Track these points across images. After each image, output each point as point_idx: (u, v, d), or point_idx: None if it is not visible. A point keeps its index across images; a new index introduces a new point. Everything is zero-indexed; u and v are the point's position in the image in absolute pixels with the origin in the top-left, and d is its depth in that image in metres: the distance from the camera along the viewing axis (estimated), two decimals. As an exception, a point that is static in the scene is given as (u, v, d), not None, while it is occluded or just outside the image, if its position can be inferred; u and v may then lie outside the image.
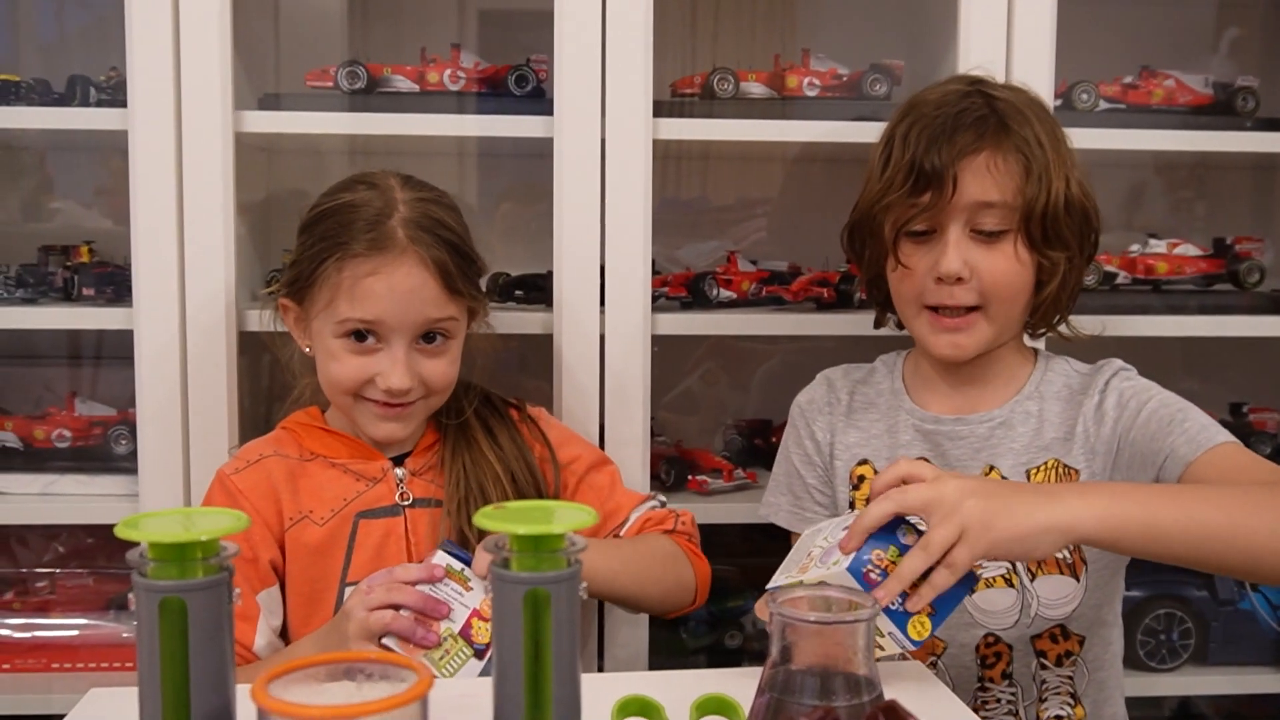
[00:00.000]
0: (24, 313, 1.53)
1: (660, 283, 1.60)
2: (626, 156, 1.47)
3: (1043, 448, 1.22)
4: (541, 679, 0.68)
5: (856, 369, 1.37)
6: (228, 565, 0.67)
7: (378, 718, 0.58)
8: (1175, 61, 1.70)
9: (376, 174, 1.29)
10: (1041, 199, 1.16)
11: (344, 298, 1.20)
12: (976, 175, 1.16)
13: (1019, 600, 1.21)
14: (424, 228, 1.22)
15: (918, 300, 1.22)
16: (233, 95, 1.45)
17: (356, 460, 1.29)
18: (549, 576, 0.67)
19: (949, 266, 1.17)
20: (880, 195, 1.20)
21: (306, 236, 1.26)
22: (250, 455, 1.29)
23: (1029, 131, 1.17)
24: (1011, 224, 1.17)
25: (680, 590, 1.34)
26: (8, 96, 1.53)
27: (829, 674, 0.73)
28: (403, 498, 1.28)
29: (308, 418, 1.33)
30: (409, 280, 1.21)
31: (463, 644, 1.07)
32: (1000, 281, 1.18)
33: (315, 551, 1.24)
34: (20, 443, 1.62)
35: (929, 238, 1.20)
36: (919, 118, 1.19)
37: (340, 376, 1.23)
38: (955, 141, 1.15)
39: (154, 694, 0.65)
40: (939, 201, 1.16)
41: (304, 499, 1.25)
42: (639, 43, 1.46)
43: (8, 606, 1.67)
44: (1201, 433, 1.11)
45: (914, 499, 0.94)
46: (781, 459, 1.38)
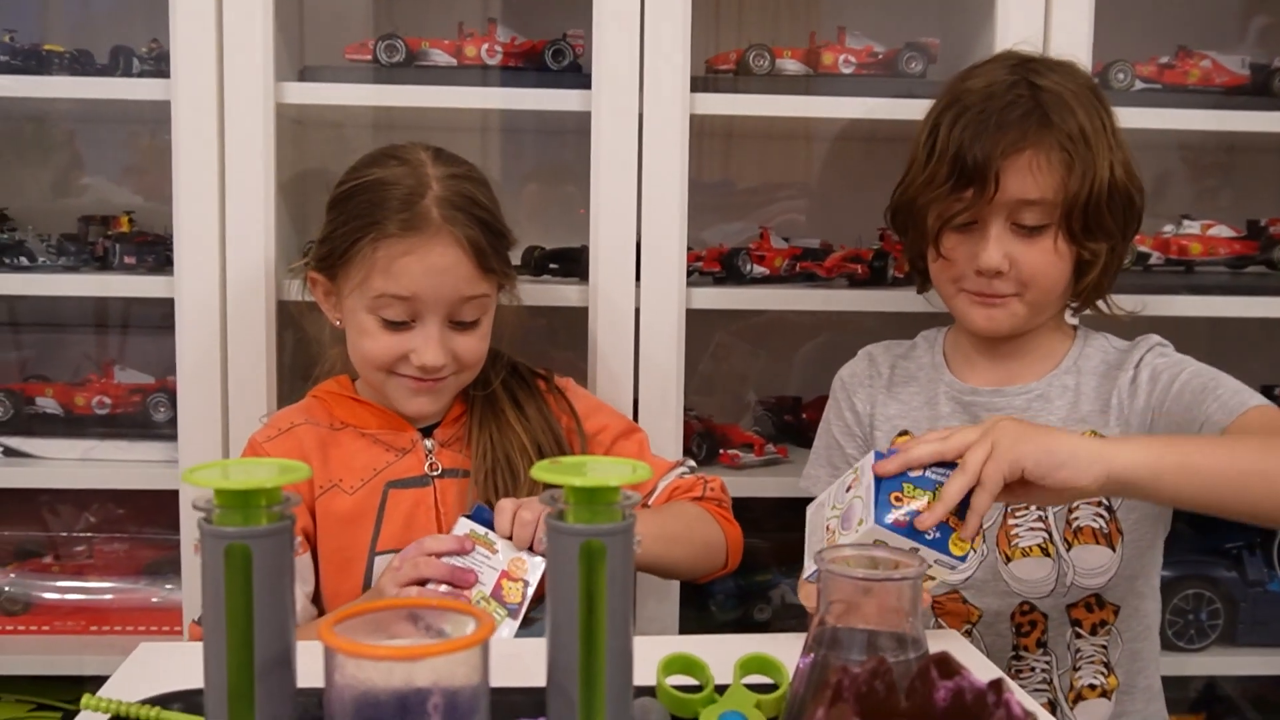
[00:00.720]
0: (67, 280, 1.56)
1: (694, 258, 1.61)
2: (664, 131, 1.48)
3: (1079, 420, 1.23)
4: (595, 631, 0.69)
5: (898, 344, 1.39)
6: (290, 514, 0.68)
7: (442, 659, 0.59)
8: (1212, 42, 1.69)
9: (406, 147, 1.29)
10: (1084, 193, 1.17)
11: (379, 276, 1.21)
12: (1019, 173, 1.16)
13: (1055, 569, 1.22)
14: (457, 206, 1.23)
15: (957, 285, 1.24)
16: (274, 67, 1.46)
17: (386, 430, 1.30)
18: (605, 529, 0.68)
19: (989, 261, 1.19)
20: (924, 188, 1.21)
21: (338, 212, 1.27)
22: (282, 423, 1.30)
23: (1073, 123, 1.17)
24: (1052, 219, 1.18)
25: (710, 555, 1.34)
26: (52, 67, 1.55)
27: (875, 632, 0.74)
28: (432, 468, 1.29)
29: (338, 386, 1.34)
30: (443, 260, 1.21)
31: (495, 605, 1.09)
32: (1039, 274, 1.20)
33: (345, 520, 1.25)
34: (61, 409, 1.64)
35: (970, 229, 1.21)
36: (964, 109, 1.19)
37: (374, 353, 1.24)
38: (999, 139, 1.16)
39: (218, 638, 0.67)
40: (981, 198, 1.17)
41: (334, 468, 1.27)
42: (678, 18, 1.46)
43: (46, 570, 1.70)
44: (1234, 397, 1.13)
45: (955, 441, 0.96)
46: (823, 432, 1.40)
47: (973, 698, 0.60)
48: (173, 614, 1.63)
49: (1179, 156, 1.93)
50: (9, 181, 1.81)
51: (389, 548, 1.24)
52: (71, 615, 1.67)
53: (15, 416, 1.63)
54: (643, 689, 0.83)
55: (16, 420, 1.63)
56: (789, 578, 1.71)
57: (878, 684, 0.61)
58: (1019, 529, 1.23)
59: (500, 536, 1.12)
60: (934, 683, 0.61)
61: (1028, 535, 1.22)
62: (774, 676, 0.86)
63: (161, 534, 1.71)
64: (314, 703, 0.73)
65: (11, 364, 1.75)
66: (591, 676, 0.69)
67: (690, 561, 1.32)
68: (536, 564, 1.10)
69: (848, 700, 0.59)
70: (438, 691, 0.60)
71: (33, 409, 1.64)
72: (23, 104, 1.67)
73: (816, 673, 0.76)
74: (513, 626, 1.08)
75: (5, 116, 1.80)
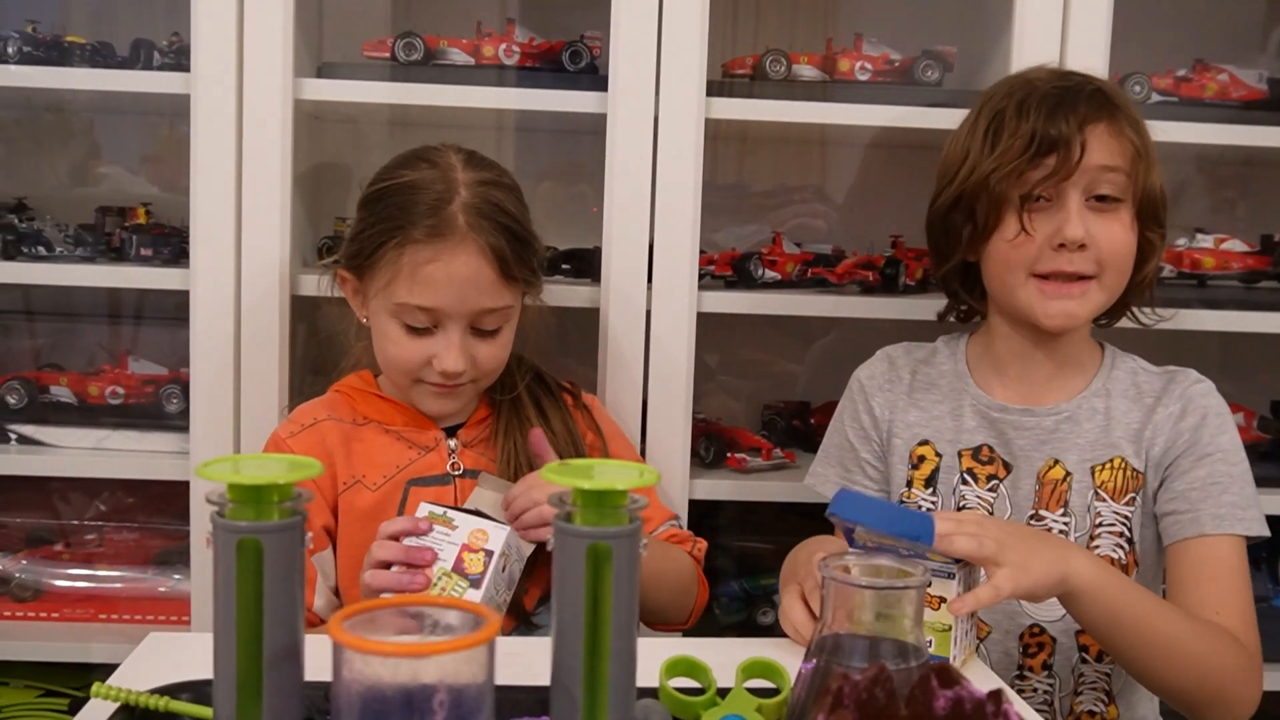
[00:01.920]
0: (84, 271, 1.57)
1: (706, 261, 1.61)
2: (679, 134, 1.48)
3: (1110, 445, 1.23)
4: (600, 633, 0.69)
5: (918, 348, 1.37)
6: (302, 509, 0.69)
7: (448, 656, 0.60)
8: (1230, 56, 1.69)
9: (439, 149, 1.29)
10: (1147, 177, 1.20)
11: (403, 283, 1.22)
12: (1101, 140, 1.18)
13: None
14: (484, 214, 1.23)
15: (1029, 268, 1.20)
16: (293, 63, 1.47)
17: (410, 428, 1.31)
18: (611, 531, 0.68)
19: (1073, 232, 1.17)
20: (995, 167, 1.19)
21: (367, 213, 1.27)
22: (304, 419, 1.31)
23: (1131, 111, 1.21)
24: (1125, 194, 1.20)
25: (684, 600, 1.35)
26: (73, 58, 1.56)
27: (877, 639, 0.75)
28: (454, 467, 1.30)
29: (361, 382, 1.35)
30: (466, 269, 1.22)
31: (457, 579, 1.10)
32: (1119, 250, 1.20)
33: (366, 516, 1.26)
34: (74, 398, 1.66)
35: (1045, 206, 1.20)
36: (1031, 92, 1.21)
37: (398, 359, 1.25)
38: (1078, 109, 1.18)
39: (229, 631, 0.68)
40: (1064, 166, 1.17)
41: (357, 463, 1.28)
42: (695, 21, 1.47)
43: (57, 557, 1.71)
44: (1226, 515, 1.16)
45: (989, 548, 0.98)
46: (834, 431, 1.38)
47: (972, 707, 0.61)
48: (181, 604, 1.65)
49: (1194, 169, 1.93)
50: (28, 171, 1.83)
51: None
52: (80, 603, 1.68)
53: (29, 405, 1.65)
54: (645, 690, 0.83)
55: (30, 408, 1.65)
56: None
57: (878, 691, 0.62)
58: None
59: (464, 514, 1.14)
60: (934, 691, 0.62)
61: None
62: (776, 681, 0.87)
63: (171, 524, 1.72)
64: (320, 696, 0.74)
65: (26, 352, 1.76)
66: (595, 677, 0.70)
67: (666, 606, 1.33)
68: (498, 532, 1.11)
69: (848, 707, 0.60)
70: (443, 688, 0.60)
71: (47, 397, 1.65)
72: (43, 94, 1.68)
73: (818, 678, 0.76)
74: (476, 595, 1.09)
75: (26, 106, 1.81)
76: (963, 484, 1.26)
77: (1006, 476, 1.25)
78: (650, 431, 1.52)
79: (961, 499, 1.26)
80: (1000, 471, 1.25)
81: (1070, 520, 1.22)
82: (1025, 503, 1.24)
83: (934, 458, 1.28)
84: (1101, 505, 1.22)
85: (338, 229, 1.66)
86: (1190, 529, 1.18)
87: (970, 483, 1.26)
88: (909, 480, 1.29)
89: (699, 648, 0.92)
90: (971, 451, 1.26)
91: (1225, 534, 1.17)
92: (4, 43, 1.54)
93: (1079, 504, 1.22)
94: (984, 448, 1.26)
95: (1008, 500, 1.24)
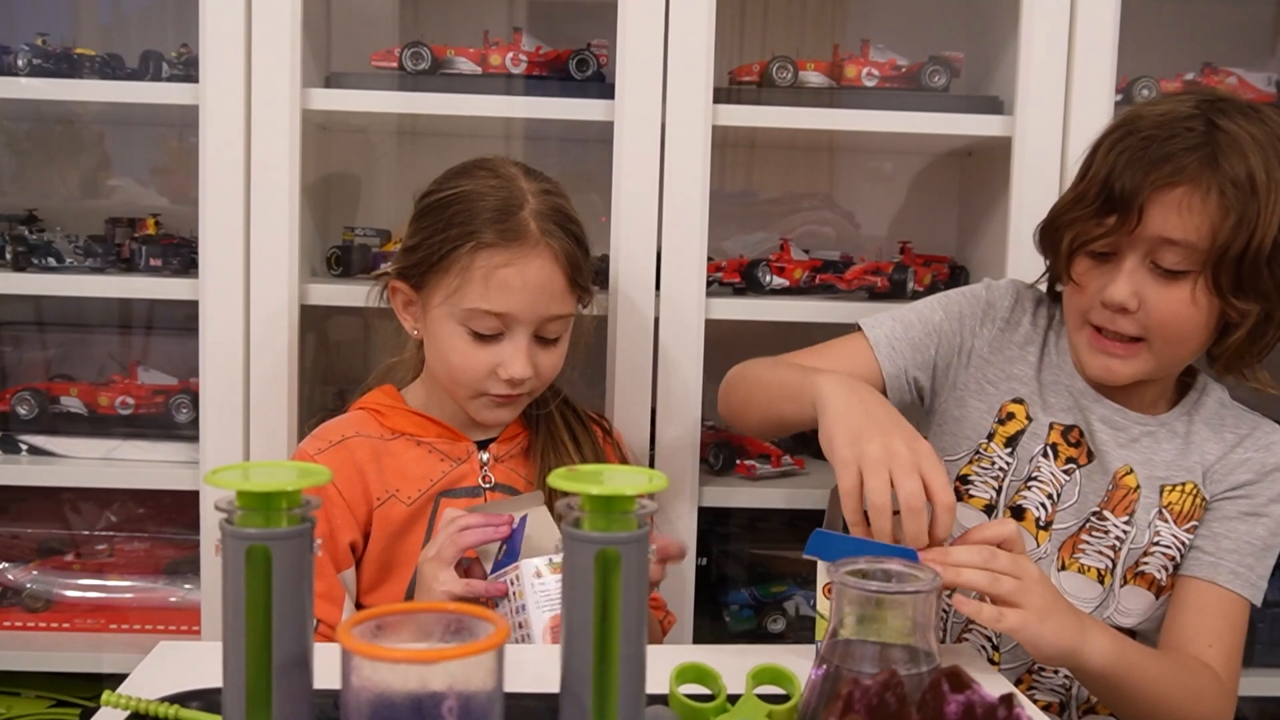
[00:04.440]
0: (94, 281, 1.57)
1: (714, 268, 1.61)
2: (686, 142, 1.48)
3: (1185, 469, 1.22)
4: (609, 639, 0.69)
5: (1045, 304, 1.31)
6: (310, 517, 0.69)
7: (457, 663, 0.60)
8: (1239, 59, 1.69)
9: (494, 160, 1.29)
10: (1239, 244, 1.08)
11: (475, 287, 1.21)
12: (1165, 210, 1.09)
13: (1101, 598, 1.22)
14: (555, 221, 1.24)
15: (1083, 315, 1.19)
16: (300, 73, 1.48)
17: (443, 440, 1.31)
18: (620, 537, 0.68)
19: (1116, 295, 1.13)
20: (1068, 207, 1.17)
21: (429, 221, 1.26)
22: (332, 435, 1.29)
23: (1242, 168, 1.07)
24: (1196, 265, 1.10)
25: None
26: (82, 70, 1.57)
27: (888, 645, 0.75)
28: (485, 480, 1.30)
29: (386, 397, 1.34)
30: (540, 274, 1.22)
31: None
32: (1169, 321, 1.13)
33: (401, 530, 1.26)
34: (85, 408, 1.66)
35: (1106, 260, 1.15)
36: (1131, 131, 1.13)
37: (464, 368, 1.24)
38: (1152, 170, 1.09)
39: (238, 639, 0.68)
40: (1122, 228, 1.11)
41: (390, 478, 1.27)
42: (701, 29, 1.47)
43: (68, 568, 1.72)
44: (1244, 577, 1.18)
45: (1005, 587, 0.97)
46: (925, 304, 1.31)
47: (983, 712, 0.60)
48: (191, 614, 1.65)
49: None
50: (39, 183, 1.84)
51: None
52: (91, 613, 1.68)
53: (40, 415, 1.65)
54: (655, 697, 0.83)
55: (41, 419, 1.65)
56: (804, 589, 1.72)
57: (889, 696, 0.62)
58: (1088, 547, 1.21)
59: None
60: (945, 696, 0.62)
61: (1093, 556, 1.21)
62: (786, 687, 0.87)
63: (181, 534, 1.72)
64: (330, 704, 0.74)
65: (37, 363, 1.77)
66: (604, 683, 0.70)
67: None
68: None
69: (859, 712, 0.60)
70: (453, 695, 0.60)
71: (57, 408, 1.66)
72: (53, 106, 1.69)
73: (828, 684, 0.76)
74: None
75: (36, 118, 1.82)
76: (1043, 455, 1.23)
77: (1086, 465, 1.23)
78: (659, 439, 1.52)
79: (1037, 469, 1.23)
80: (1083, 459, 1.23)
81: (1131, 531, 1.21)
82: (1094, 498, 1.22)
83: (1024, 420, 1.25)
84: (1163, 525, 1.21)
85: (345, 238, 1.67)
86: (1207, 572, 1.19)
87: (1050, 457, 1.23)
88: (991, 433, 1.25)
89: (709, 654, 0.92)
90: (1063, 428, 1.24)
91: (1233, 591, 1.18)
92: (14, 55, 1.55)
93: (1143, 518, 1.21)
94: (1075, 429, 1.23)
95: (1079, 488, 1.22)
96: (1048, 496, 1.22)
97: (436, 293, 1.24)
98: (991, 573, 0.96)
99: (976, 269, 1.74)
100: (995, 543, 0.99)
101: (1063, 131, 1.52)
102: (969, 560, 0.96)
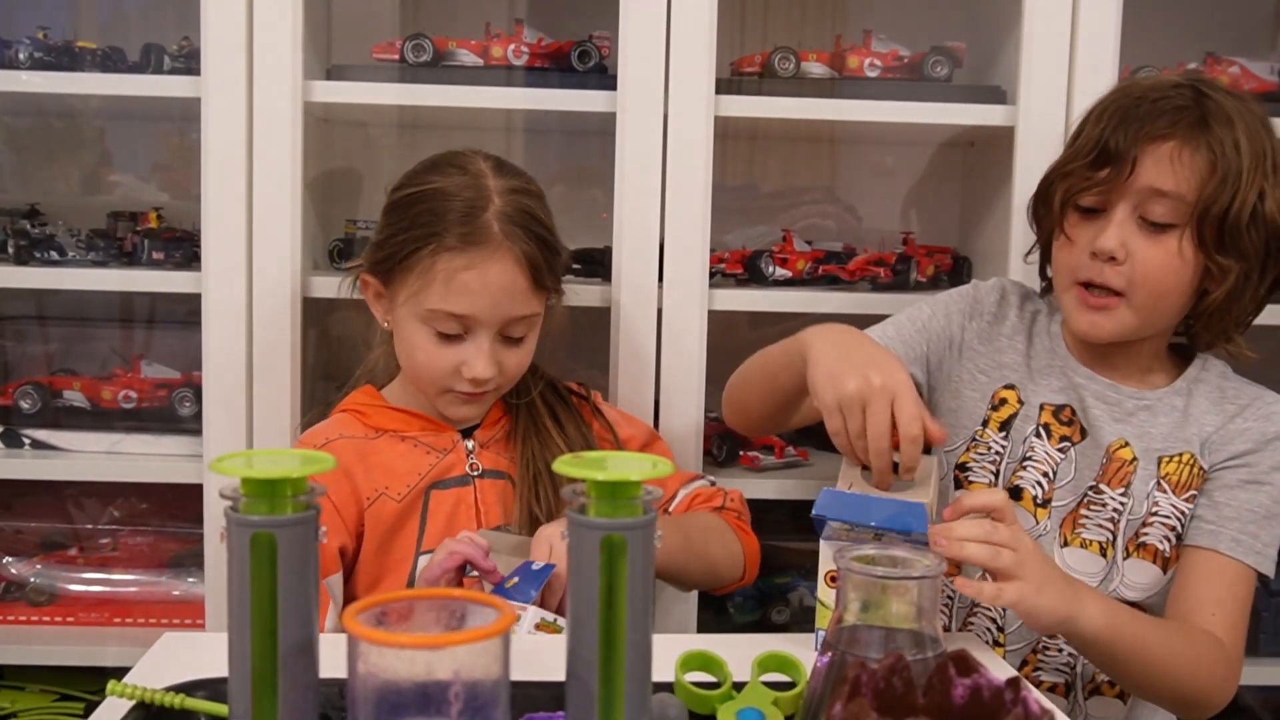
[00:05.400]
0: (96, 275, 1.57)
1: (717, 260, 1.61)
2: (689, 133, 1.48)
3: (1183, 440, 1.23)
4: (615, 625, 0.69)
5: (1033, 297, 1.36)
6: (315, 504, 0.69)
7: (463, 649, 0.60)
8: (1241, 49, 1.68)
9: (466, 155, 1.29)
10: (1222, 202, 1.14)
11: (436, 289, 1.22)
12: (1158, 161, 1.15)
13: (1105, 572, 1.23)
14: (518, 223, 1.24)
15: (1072, 274, 1.22)
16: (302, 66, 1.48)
17: (427, 433, 1.31)
18: (626, 523, 0.68)
19: (1105, 243, 1.17)
20: (1062, 165, 1.22)
21: (396, 217, 1.26)
22: (316, 439, 1.30)
23: (1229, 134, 1.15)
24: (1182, 219, 1.16)
25: (728, 565, 1.35)
26: (84, 63, 1.57)
27: (893, 630, 0.75)
28: (472, 468, 1.30)
29: (366, 397, 1.35)
30: (502, 277, 1.22)
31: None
32: (1152, 274, 1.17)
33: (392, 527, 1.26)
34: (88, 402, 1.66)
35: (1096, 216, 1.20)
36: (1123, 97, 1.20)
37: (427, 366, 1.25)
38: (1145, 125, 1.16)
39: (243, 626, 0.68)
40: (1115, 180, 1.17)
41: (377, 476, 1.27)
42: (703, 20, 1.47)
43: (72, 562, 1.72)
44: (1246, 544, 1.19)
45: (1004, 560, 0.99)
46: (914, 306, 1.36)
47: (990, 695, 0.60)
48: (195, 607, 1.65)
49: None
50: (42, 177, 1.84)
51: (433, 546, 1.25)
52: (95, 607, 1.68)
53: (43, 409, 1.65)
54: (661, 685, 0.83)
55: (44, 413, 1.65)
56: (808, 580, 1.71)
57: (895, 680, 0.62)
58: (1088, 521, 1.23)
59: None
60: (952, 680, 0.62)
61: (1094, 530, 1.23)
62: (791, 675, 0.87)
63: (185, 528, 1.72)
64: (335, 693, 0.74)
65: (40, 358, 1.77)
66: (610, 670, 0.70)
67: (709, 573, 1.34)
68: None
69: (866, 695, 0.60)
70: (459, 681, 0.60)
71: (60, 402, 1.66)
72: (55, 100, 1.69)
73: (834, 670, 0.76)
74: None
75: (38, 112, 1.82)
76: (1035, 436, 1.26)
77: (1080, 442, 1.25)
78: (663, 430, 1.52)
79: (1030, 449, 1.25)
80: (1076, 436, 1.25)
81: (1128, 502, 1.22)
82: (1089, 472, 1.24)
83: (1016, 404, 1.27)
84: (1161, 496, 1.22)
85: (348, 231, 1.67)
86: (1208, 540, 1.20)
87: (1043, 437, 1.25)
88: (985, 420, 1.28)
89: (715, 643, 0.92)
90: (1054, 408, 1.26)
91: (1236, 559, 1.18)
92: (15, 49, 1.55)
93: (1140, 489, 1.22)
94: (1067, 408, 1.26)
95: (1074, 465, 1.24)
96: (1043, 475, 1.24)
97: (402, 291, 1.25)
98: (993, 547, 0.98)
99: (979, 259, 1.74)
100: (986, 510, 1.01)
101: (1065, 120, 1.51)
102: (972, 534, 0.98)
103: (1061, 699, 1.26)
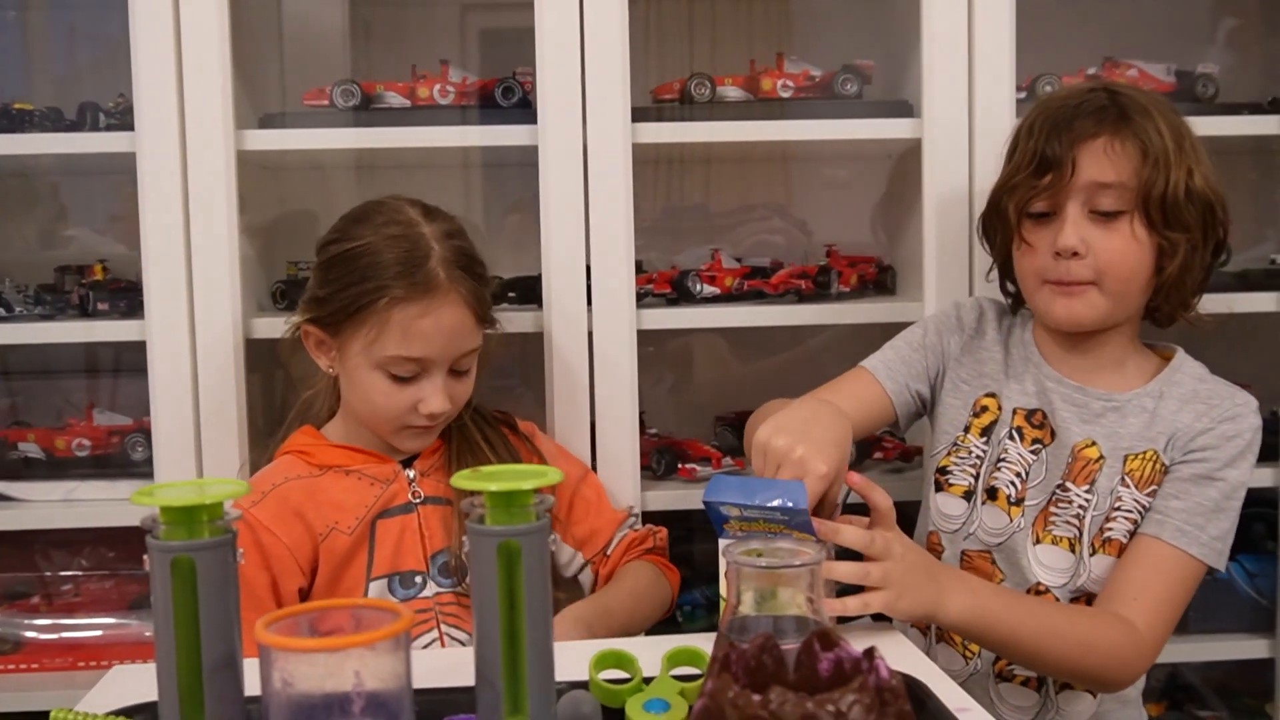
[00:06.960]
0: (44, 328, 1.62)
1: (645, 280, 1.67)
2: (608, 160, 1.54)
3: (1148, 440, 1.29)
4: (516, 626, 0.75)
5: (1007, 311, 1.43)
6: (231, 527, 0.74)
7: (362, 650, 0.65)
8: (1139, 52, 1.76)
9: (390, 205, 1.35)
10: (1160, 183, 1.23)
11: (392, 338, 1.28)
12: (1094, 157, 1.24)
13: (1074, 567, 1.28)
14: (460, 265, 1.31)
15: (1040, 275, 1.30)
16: (234, 115, 1.53)
17: (370, 465, 1.36)
18: (520, 529, 0.74)
19: (1066, 241, 1.25)
20: (1007, 180, 1.31)
21: (338, 274, 1.31)
22: (264, 485, 1.33)
23: (1149, 124, 1.25)
24: (1129, 205, 1.25)
25: (661, 609, 1.46)
26: (23, 124, 1.62)
27: (780, 617, 0.80)
28: (415, 495, 1.36)
29: (308, 438, 1.39)
30: (453, 319, 1.30)
31: None
32: (1116, 260, 1.25)
33: (344, 557, 1.32)
34: (43, 453, 1.70)
35: (1050, 219, 1.28)
36: (1046, 111, 1.29)
37: (386, 408, 1.32)
38: (1075, 128, 1.25)
39: (169, 646, 0.73)
40: (1059, 183, 1.25)
41: (327, 512, 1.32)
42: (616, 53, 1.53)
43: (35, 610, 1.75)
44: (1192, 533, 1.24)
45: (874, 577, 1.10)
46: (909, 329, 1.44)
47: (850, 665, 0.66)
48: (158, 647, 1.68)
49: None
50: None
51: (382, 573, 1.32)
52: (62, 653, 1.71)
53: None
54: (576, 684, 0.88)
55: (0, 466, 1.69)
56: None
57: (766, 658, 0.67)
58: (1057, 519, 1.29)
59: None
60: (817, 654, 0.67)
61: (1062, 526, 1.29)
62: (700, 667, 0.92)
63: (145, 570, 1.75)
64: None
65: (-5, 412, 1.80)
66: (515, 668, 0.75)
67: (649, 620, 1.44)
68: None
69: (734, 673, 0.65)
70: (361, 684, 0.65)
71: (16, 454, 1.70)
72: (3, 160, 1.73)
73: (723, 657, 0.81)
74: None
75: (-12, 173, 1.86)
76: (1009, 439, 1.33)
77: (1050, 444, 1.31)
78: (600, 448, 1.57)
79: (1004, 451, 1.32)
80: (1047, 438, 1.31)
81: (1092, 498, 1.28)
82: (1057, 472, 1.30)
83: (996, 410, 1.35)
84: (1124, 491, 1.27)
85: (289, 273, 1.72)
86: (1153, 528, 1.25)
87: (1016, 439, 1.32)
88: (967, 426, 1.36)
89: (630, 644, 0.97)
90: (1026, 412, 1.33)
91: (1179, 548, 1.23)
92: (-47, 113, 1.60)
93: (1105, 485, 1.28)
94: (1039, 411, 1.33)
95: (1045, 465, 1.31)
96: (1016, 475, 1.32)
97: (354, 341, 1.30)
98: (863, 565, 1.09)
99: (902, 267, 1.80)
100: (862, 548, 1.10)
101: (969, 130, 1.58)
102: (853, 540, 1.08)
103: (1034, 692, 1.32)
